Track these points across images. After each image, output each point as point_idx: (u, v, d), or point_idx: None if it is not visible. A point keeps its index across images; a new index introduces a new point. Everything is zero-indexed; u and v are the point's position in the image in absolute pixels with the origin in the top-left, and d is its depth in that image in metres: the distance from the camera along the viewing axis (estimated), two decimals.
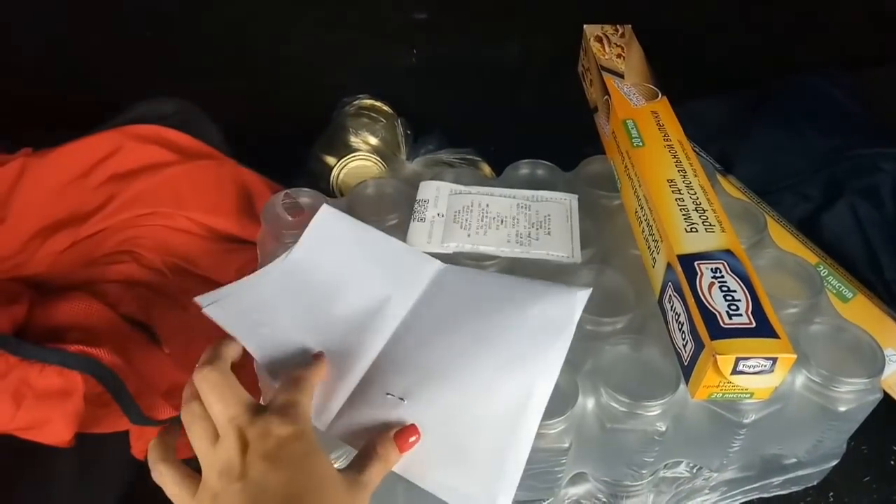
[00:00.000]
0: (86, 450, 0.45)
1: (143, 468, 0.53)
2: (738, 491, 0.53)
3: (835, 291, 0.63)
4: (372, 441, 0.39)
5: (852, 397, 0.44)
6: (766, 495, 0.55)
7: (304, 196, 0.59)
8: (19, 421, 0.41)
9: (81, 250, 0.53)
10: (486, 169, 0.83)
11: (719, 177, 0.69)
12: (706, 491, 0.52)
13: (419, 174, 0.84)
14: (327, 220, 0.53)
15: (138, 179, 0.56)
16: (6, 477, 0.43)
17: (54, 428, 0.42)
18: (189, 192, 0.57)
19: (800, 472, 0.53)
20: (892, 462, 0.59)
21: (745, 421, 0.44)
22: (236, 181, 0.61)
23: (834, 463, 0.53)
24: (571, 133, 0.84)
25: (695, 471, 0.50)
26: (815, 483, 0.56)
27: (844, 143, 0.74)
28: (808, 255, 0.65)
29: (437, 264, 0.52)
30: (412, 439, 0.39)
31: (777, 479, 0.53)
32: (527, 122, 0.92)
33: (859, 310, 0.61)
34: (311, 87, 0.88)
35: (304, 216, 0.57)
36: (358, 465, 0.38)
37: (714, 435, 0.46)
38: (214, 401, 0.36)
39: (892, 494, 0.57)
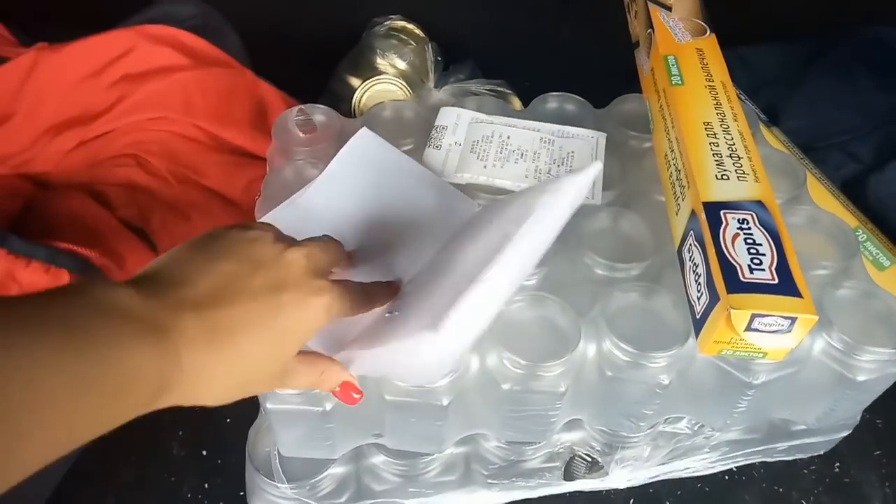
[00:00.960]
0: None
1: None
2: (739, 453, 0.51)
3: (871, 258, 0.59)
4: None
5: (873, 367, 0.42)
6: (768, 460, 0.53)
7: (319, 113, 0.57)
8: None
9: (88, 151, 0.52)
10: (517, 103, 0.80)
11: (762, 127, 0.64)
12: (706, 450, 0.50)
13: (445, 103, 0.80)
14: (366, 144, 0.50)
15: (149, 81, 0.54)
16: None
17: None
18: (199, 98, 0.55)
19: (807, 440, 0.51)
20: None
21: (755, 382, 0.42)
22: (251, 93, 0.59)
23: (845, 434, 0.51)
24: (611, 71, 0.80)
25: (696, 428, 0.48)
26: (821, 452, 0.54)
27: None
28: (847, 217, 0.60)
29: (474, 206, 0.49)
30: None
31: (782, 445, 0.51)
32: (565, 57, 0.87)
33: (894, 279, 0.57)
34: (341, 3, 0.84)
35: (316, 134, 0.55)
36: None
37: (720, 393, 0.44)
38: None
39: None
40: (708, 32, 0.58)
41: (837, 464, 0.54)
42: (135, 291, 0.26)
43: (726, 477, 0.53)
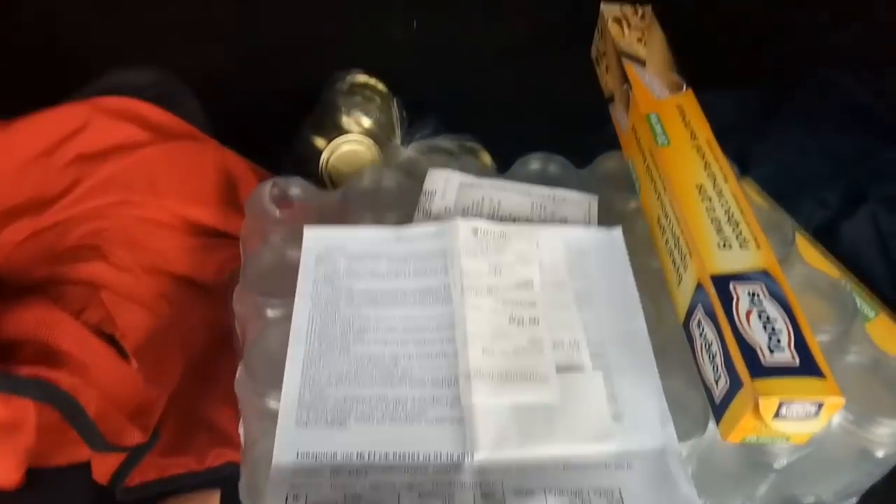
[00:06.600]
0: (38, 482, 0.39)
1: (105, 493, 0.48)
2: None
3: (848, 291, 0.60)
4: None
5: (893, 441, 0.41)
6: None
7: (294, 186, 0.54)
8: None
9: (42, 241, 0.47)
10: (487, 158, 0.78)
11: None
12: None
13: (415, 161, 0.78)
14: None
15: (108, 161, 0.49)
16: None
17: None
18: (165, 177, 0.51)
19: None
20: None
21: (776, 465, 0.41)
22: (218, 165, 0.55)
23: (854, 502, 0.50)
24: (577, 120, 0.79)
25: None
26: None
27: (868, 146, 0.70)
28: (829, 268, 0.61)
29: None
30: None
31: None
32: (531, 106, 0.86)
33: (881, 330, 0.57)
34: (300, 58, 0.82)
35: (293, 210, 0.52)
36: None
37: (739, 478, 0.42)
38: None
39: None
40: (684, 87, 0.58)
41: None
42: None
43: None
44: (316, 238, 0.47)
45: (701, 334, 0.42)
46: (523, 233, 0.49)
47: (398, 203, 0.54)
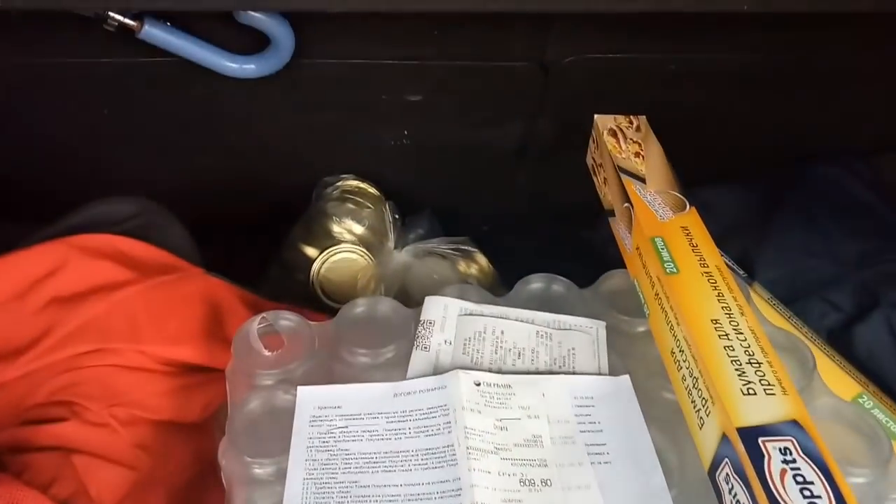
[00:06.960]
0: None
1: None
2: None
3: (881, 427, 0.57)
4: None
5: None
6: None
7: (283, 319, 0.51)
8: None
9: (9, 396, 0.43)
10: (483, 261, 0.76)
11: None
12: None
13: (409, 265, 0.76)
14: None
15: (85, 305, 0.46)
16: None
17: None
18: (146, 319, 0.48)
19: None
20: None
21: None
22: (203, 298, 0.52)
23: None
24: (571, 219, 0.78)
25: None
26: None
27: (875, 245, 0.69)
28: (849, 383, 0.58)
29: None
30: None
31: None
32: (524, 208, 0.85)
33: None
34: (289, 165, 0.80)
35: (284, 350, 0.48)
36: None
37: None
38: None
39: None
40: (687, 206, 0.56)
41: None
42: None
43: None
44: (310, 398, 0.44)
45: (731, 491, 0.38)
46: (528, 383, 0.46)
47: (394, 333, 0.51)
